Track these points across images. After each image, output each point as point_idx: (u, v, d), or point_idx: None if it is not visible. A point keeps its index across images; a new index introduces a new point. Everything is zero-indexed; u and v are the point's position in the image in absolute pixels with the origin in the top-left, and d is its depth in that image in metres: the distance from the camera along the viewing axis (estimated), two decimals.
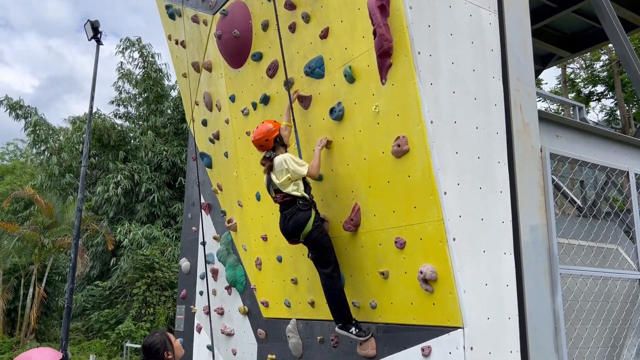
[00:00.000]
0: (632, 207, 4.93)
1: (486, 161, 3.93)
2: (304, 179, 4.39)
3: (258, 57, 5.45)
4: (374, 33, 3.90)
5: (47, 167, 20.53)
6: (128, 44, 21.19)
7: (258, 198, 5.62)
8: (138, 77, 21.48)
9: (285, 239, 4.45)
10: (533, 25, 8.55)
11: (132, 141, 21.15)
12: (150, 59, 21.28)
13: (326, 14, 4.54)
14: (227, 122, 6.22)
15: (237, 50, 5.67)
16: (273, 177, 4.37)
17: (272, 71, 5.26)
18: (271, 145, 4.48)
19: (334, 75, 4.50)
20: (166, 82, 21.79)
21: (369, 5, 3.91)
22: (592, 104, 22.26)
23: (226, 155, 6.33)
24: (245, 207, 5.90)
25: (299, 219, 4.23)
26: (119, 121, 21.93)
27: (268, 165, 4.43)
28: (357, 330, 4.13)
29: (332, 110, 4.49)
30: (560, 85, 21.99)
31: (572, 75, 21.84)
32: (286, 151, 4.56)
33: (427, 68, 3.77)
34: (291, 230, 4.29)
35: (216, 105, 6.47)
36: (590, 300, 4.56)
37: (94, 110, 13.04)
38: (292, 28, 4.90)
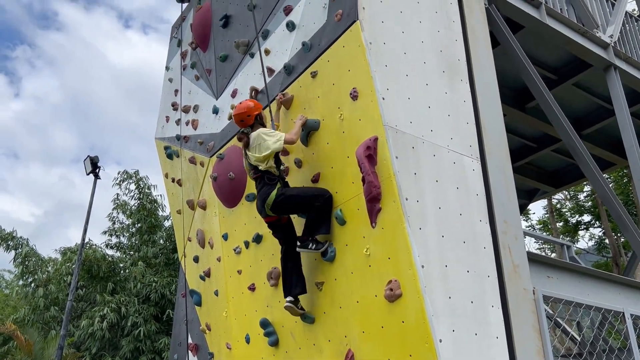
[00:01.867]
0: (632, 349, 4.80)
1: (479, 305, 3.89)
2: (275, 155, 4.55)
3: (252, 198, 5.60)
4: (363, 180, 4.07)
5: (32, 299, 19.94)
6: (125, 176, 21.78)
7: (247, 341, 5.43)
8: (133, 208, 21.76)
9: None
10: (516, 163, 9.01)
11: (122, 272, 20.83)
12: (146, 190, 21.74)
13: (317, 160, 4.77)
14: (219, 260, 6.22)
15: (231, 191, 5.86)
16: (249, 153, 4.53)
17: None
18: (251, 121, 4.67)
19: None
20: (160, 213, 22.02)
21: (357, 155, 4.13)
22: (580, 232, 22.59)
23: (216, 293, 6.23)
24: (233, 350, 5.68)
25: (263, 192, 4.44)
26: (110, 252, 21.78)
27: (245, 141, 4.60)
28: (314, 245, 4.32)
29: (324, 251, 4.53)
30: (547, 215, 22.45)
31: (558, 205, 22.40)
32: None
33: (415, 213, 3.89)
34: (260, 206, 4.49)
35: (209, 242, 6.52)
36: None
37: (86, 240, 13.01)
38: (286, 172, 5.11)
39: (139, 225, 21.61)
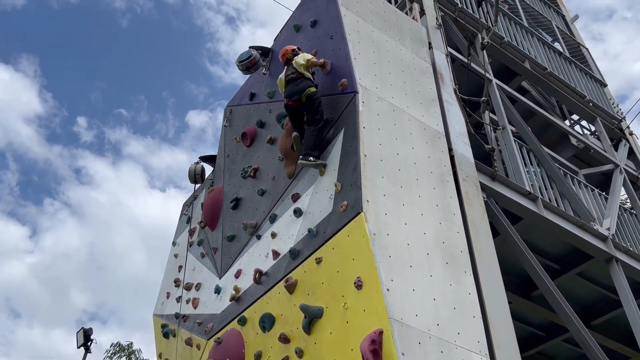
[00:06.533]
0: None
1: None
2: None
3: None
4: None
5: None
6: (118, 348, 20.82)
7: None
8: None
9: (285, 103, 5.86)
10: (525, 353, 8.59)
11: None
12: None
13: (319, 351, 4.57)
14: None
15: None
16: (294, 62, 5.94)
17: None
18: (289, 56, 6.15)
19: None
20: None
21: (361, 349, 3.97)
22: None
23: None
24: None
25: (308, 83, 5.76)
26: None
27: (289, 58, 6.08)
28: (314, 158, 5.43)
29: None
30: None
31: None
32: None
33: None
34: (299, 89, 5.71)
35: None
36: None
37: None
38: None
39: None
